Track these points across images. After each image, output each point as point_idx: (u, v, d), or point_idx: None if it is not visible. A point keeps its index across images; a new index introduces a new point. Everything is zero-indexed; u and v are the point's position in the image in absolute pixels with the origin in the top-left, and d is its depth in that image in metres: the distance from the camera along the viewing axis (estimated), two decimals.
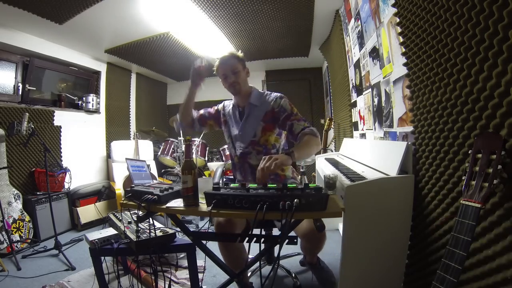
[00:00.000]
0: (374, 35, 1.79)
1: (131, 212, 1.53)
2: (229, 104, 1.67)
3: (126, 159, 1.88)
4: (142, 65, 4.18)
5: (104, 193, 3.44)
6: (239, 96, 1.53)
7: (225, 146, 3.52)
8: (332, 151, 3.29)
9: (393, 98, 1.55)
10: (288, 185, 1.01)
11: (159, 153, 3.80)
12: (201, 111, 1.73)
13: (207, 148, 3.92)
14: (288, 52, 4.00)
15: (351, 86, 2.63)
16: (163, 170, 3.96)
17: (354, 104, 2.52)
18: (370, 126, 2.03)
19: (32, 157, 2.85)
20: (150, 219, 1.20)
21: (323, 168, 1.89)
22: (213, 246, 1.20)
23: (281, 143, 1.53)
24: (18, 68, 2.87)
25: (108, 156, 3.88)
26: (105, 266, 1.36)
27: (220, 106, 1.72)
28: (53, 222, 2.35)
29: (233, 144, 1.57)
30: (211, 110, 1.72)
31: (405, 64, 1.26)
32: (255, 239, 1.01)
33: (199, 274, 1.36)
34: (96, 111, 3.77)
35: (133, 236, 1.26)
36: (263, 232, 1.58)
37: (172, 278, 1.80)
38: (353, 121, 2.63)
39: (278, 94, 1.53)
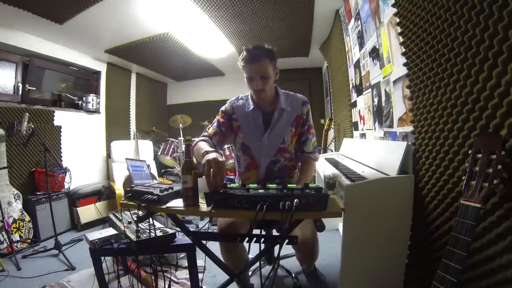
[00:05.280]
0: (374, 35, 1.79)
1: (131, 212, 1.53)
2: (242, 105, 1.43)
3: (126, 159, 1.88)
4: (142, 65, 4.19)
5: (104, 193, 3.44)
6: (264, 101, 1.37)
7: (226, 146, 3.51)
8: (332, 151, 3.29)
9: (393, 98, 1.55)
10: (288, 185, 1.01)
11: (159, 153, 3.80)
12: (214, 128, 1.40)
13: None
14: (288, 52, 4.00)
15: (351, 86, 2.63)
16: (163, 170, 3.96)
17: (354, 104, 2.52)
18: (370, 126, 2.03)
19: (32, 157, 2.85)
20: (150, 219, 1.20)
21: (323, 168, 1.89)
22: (213, 246, 1.20)
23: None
24: (18, 68, 2.87)
25: (108, 156, 3.88)
26: (105, 266, 1.36)
27: (228, 107, 1.46)
28: (53, 222, 2.35)
29: (252, 153, 1.41)
30: (222, 119, 1.43)
31: (405, 64, 1.26)
32: (255, 239, 1.01)
33: (199, 274, 1.36)
34: (96, 111, 3.77)
35: (133, 236, 1.26)
36: (263, 232, 1.58)
37: (172, 278, 1.80)
38: (353, 121, 2.63)
39: (304, 98, 1.44)
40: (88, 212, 3.08)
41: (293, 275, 1.75)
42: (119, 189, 3.02)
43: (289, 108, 1.40)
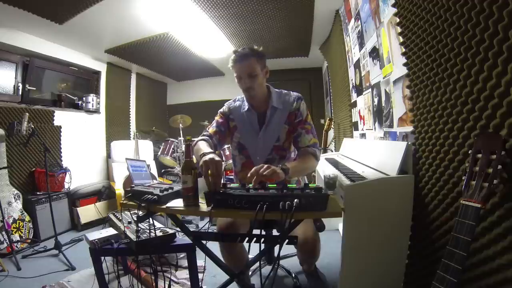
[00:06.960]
0: (374, 35, 1.79)
1: (131, 212, 1.52)
2: (238, 106, 1.47)
3: (126, 159, 1.88)
4: (142, 65, 4.18)
5: (104, 193, 3.44)
6: (255, 100, 1.39)
7: (226, 146, 3.50)
8: (332, 151, 3.29)
9: (393, 98, 1.55)
10: (288, 185, 1.01)
11: (159, 153, 3.80)
12: (214, 127, 1.44)
13: None
14: (288, 52, 4.00)
15: (351, 86, 2.63)
16: (163, 170, 3.96)
17: (354, 104, 2.51)
18: (370, 126, 2.03)
19: (32, 157, 2.85)
20: (150, 219, 1.20)
21: (323, 168, 1.89)
22: (213, 246, 1.20)
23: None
24: (18, 68, 2.87)
25: (108, 156, 3.88)
26: (105, 266, 1.36)
27: (225, 108, 1.51)
28: (53, 222, 2.35)
29: (248, 152, 1.43)
30: (220, 119, 1.47)
31: (405, 64, 1.26)
32: (255, 239, 1.01)
33: (199, 274, 1.36)
34: (96, 111, 3.77)
35: (133, 236, 1.25)
36: (263, 232, 1.57)
37: (172, 278, 1.80)
38: (353, 121, 2.63)
39: (298, 95, 1.44)
40: (88, 212, 3.08)
41: (293, 275, 1.75)
42: (119, 189, 3.02)
43: (281, 106, 1.40)
